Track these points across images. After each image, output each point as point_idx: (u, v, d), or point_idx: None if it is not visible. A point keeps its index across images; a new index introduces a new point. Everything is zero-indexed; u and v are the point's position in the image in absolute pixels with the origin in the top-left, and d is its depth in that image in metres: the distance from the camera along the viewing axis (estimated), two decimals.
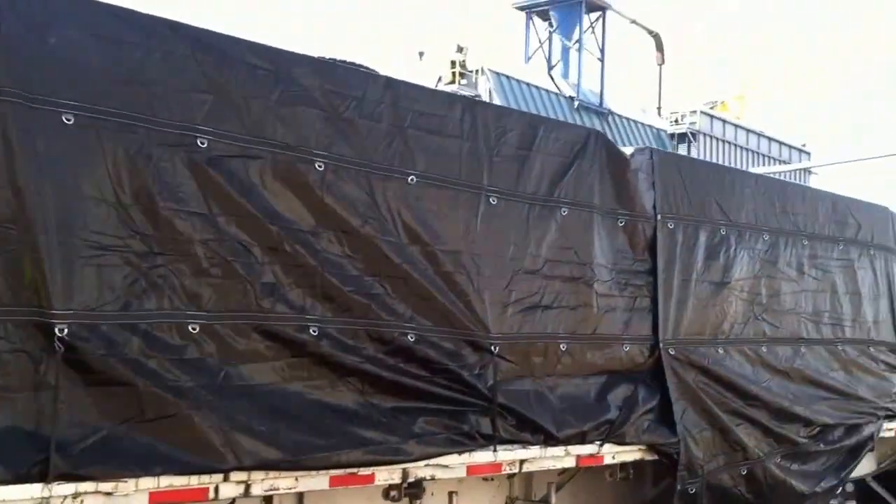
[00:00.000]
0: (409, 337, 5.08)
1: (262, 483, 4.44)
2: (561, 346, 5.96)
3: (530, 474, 6.37)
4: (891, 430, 9.01)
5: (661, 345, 6.58)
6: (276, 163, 4.61)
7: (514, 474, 6.01)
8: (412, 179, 5.22)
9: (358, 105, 5.01)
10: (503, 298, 5.66)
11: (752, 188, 7.68)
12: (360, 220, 4.93)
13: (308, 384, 4.65)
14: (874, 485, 10.54)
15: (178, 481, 4.19)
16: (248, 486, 4.39)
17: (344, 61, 5.18)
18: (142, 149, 4.17)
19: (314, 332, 4.66)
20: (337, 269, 4.80)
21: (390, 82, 5.26)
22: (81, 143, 4.01)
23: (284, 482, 4.52)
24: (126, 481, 4.03)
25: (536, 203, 5.91)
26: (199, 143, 4.34)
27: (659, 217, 6.70)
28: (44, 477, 3.81)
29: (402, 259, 5.11)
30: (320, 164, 4.77)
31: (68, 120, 3.96)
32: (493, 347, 5.52)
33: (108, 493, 4.00)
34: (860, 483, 10.67)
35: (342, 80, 5.02)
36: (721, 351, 7.10)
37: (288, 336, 4.58)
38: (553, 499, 6.42)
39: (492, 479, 6.27)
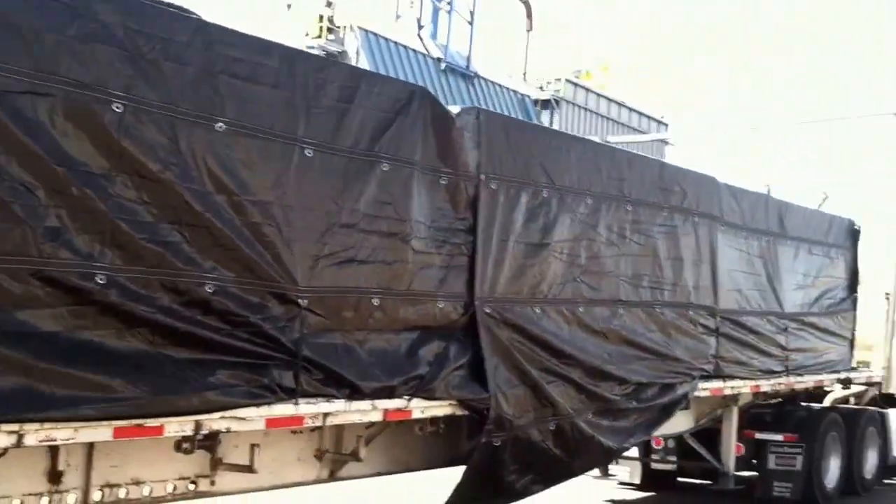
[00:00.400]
0: (207, 288, 4.99)
1: (35, 434, 4.29)
2: (373, 300, 5.97)
3: (341, 428, 6.41)
4: (706, 389, 9.38)
5: (476, 302, 6.66)
6: (69, 102, 4.44)
7: (322, 427, 6.02)
8: (220, 126, 5.09)
9: (164, 47, 4.85)
10: (315, 251, 5.62)
11: (579, 153, 7.81)
12: (159, 165, 4.78)
13: (92, 333, 4.50)
14: (692, 442, 11.03)
15: None
16: (20, 437, 4.24)
17: (157, 1, 4.99)
18: None
19: (101, 280, 4.53)
20: (130, 216, 4.66)
21: (202, 25, 5.10)
22: None
23: (62, 433, 4.38)
24: None
25: (355, 157, 5.87)
26: None
27: (482, 177, 6.76)
28: None
29: (205, 208, 4.99)
30: (118, 105, 4.61)
31: None
32: (300, 300, 5.48)
33: None
34: (680, 440, 11.15)
35: (149, 19, 4.84)
36: (538, 310, 7.23)
37: (71, 283, 4.43)
38: (362, 452, 6.46)
39: (301, 433, 6.28)
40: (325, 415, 5.67)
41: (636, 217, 8.34)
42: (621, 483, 12.10)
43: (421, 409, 6.32)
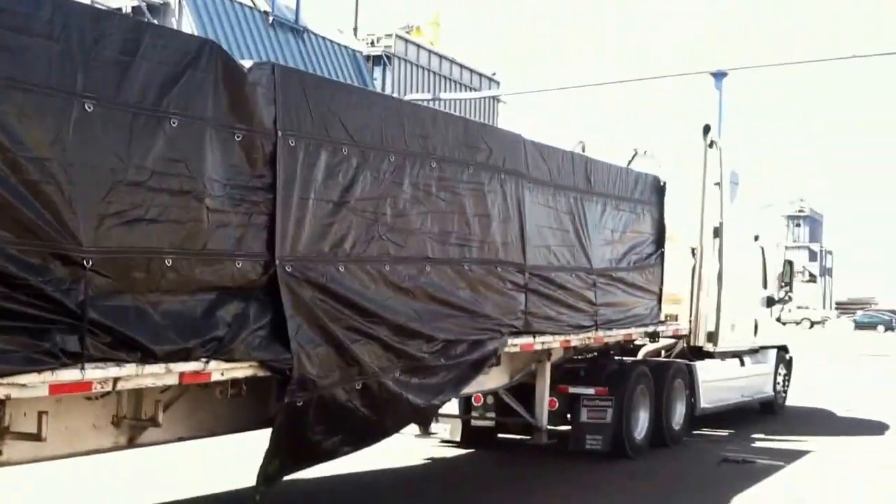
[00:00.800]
0: None
1: None
2: (166, 261, 5.80)
3: (140, 392, 6.25)
4: (516, 346, 9.55)
5: (276, 262, 6.56)
6: None
7: (116, 393, 5.85)
8: None
9: None
10: (100, 210, 5.41)
11: (381, 109, 7.78)
12: None
13: None
14: (507, 398, 11.25)
15: None
16: None
17: None
18: None
19: None
20: None
21: None
22: None
23: None
24: None
25: (142, 113, 5.67)
26: None
27: (280, 133, 6.64)
28: None
29: None
30: None
31: None
32: (85, 262, 5.28)
33: None
34: (498, 397, 11.37)
35: None
36: (342, 269, 7.18)
37: None
38: (160, 417, 6.32)
39: (96, 399, 6.08)
40: (116, 379, 5.50)
41: (442, 174, 8.37)
42: (443, 441, 12.25)
43: (220, 371, 6.20)
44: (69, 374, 5.18)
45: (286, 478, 7.20)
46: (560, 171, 10.50)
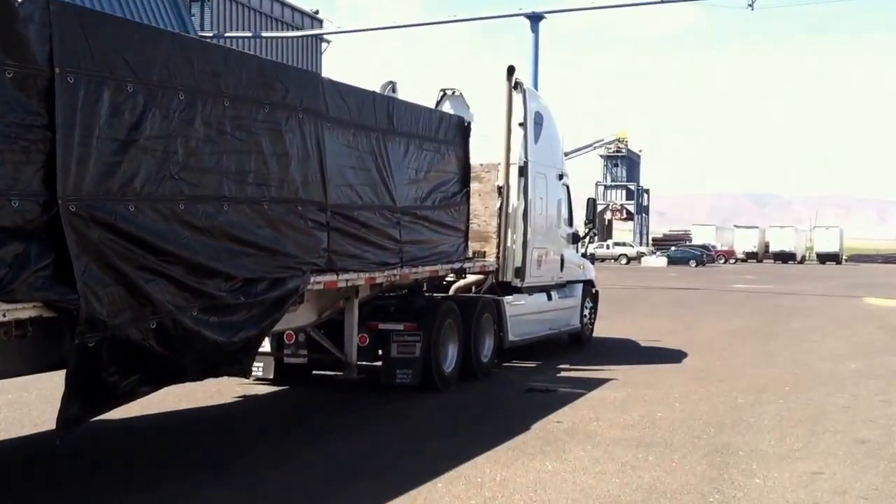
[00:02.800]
0: None
1: None
2: None
3: None
4: (320, 283, 9.65)
5: (59, 201, 6.43)
6: None
7: None
8: None
9: None
10: None
11: (167, 47, 7.66)
12: None
13: None
14: (317, 335, 11.39)
15: None
16: None
17: None
18: None
19: None
20: None
21: None
22: None
23: None
24: None
25: None
26: None
27: (57, 71, 6.47)
28: None
29: None
30: None
31: None
32: None
33: None
34: (309, 335, 11.49)
35: None
36: (132, 208, 7.09)
37: None
38: None
39: None
40: None
41: (236, 113, 8.32)
42: (257, 379, 12.32)
43: (2, 312, 6.07)
44: None
45: (89, 420, 7.16)
46: (361, 111, 10.59)
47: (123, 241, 6.97)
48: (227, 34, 43.39)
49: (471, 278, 14.42)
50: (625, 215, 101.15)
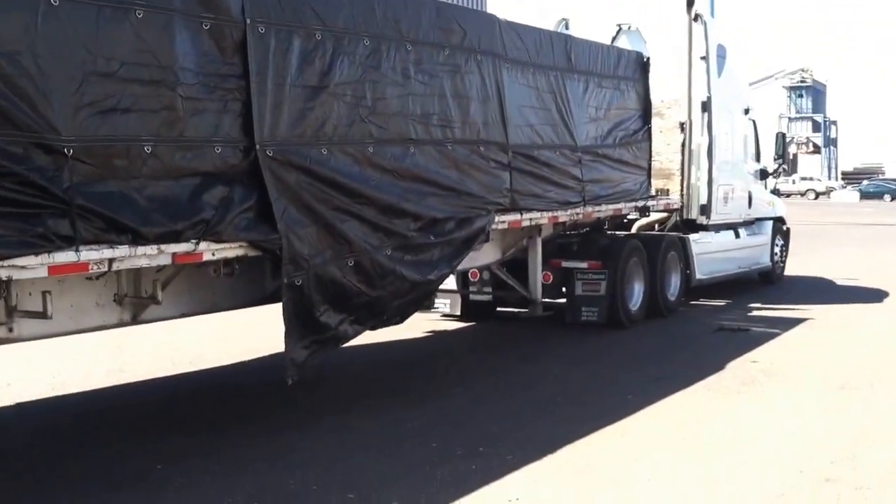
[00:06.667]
0: None
1: None
2: (145, 148, 6.02)
3: (138, 272, 6.62)
4: (504, 222, 9.81)
5: (257, 146, 6.77)
6: None
7: (115, 272, 6.16)
8: None
9: None
10: (74, 101, 5.61)
11: None
12: None
13: None
14: (502, 273, 11.60)
15: None
16: None
17: None
18: None
19: None
20: None
21: None
22: None
23: None
24: None
25: (106, 5, 5.81)
26: None
27: (248, 21, 6.79)
28: None
29: None
30: None
31: None
32: (66, 150, 5.51)
33: None
34: (494, 272, 11.74)
35: None
36: (325, 152, 7.38)
37: None
38: (160, 294, 6.68)
39: (98, 279, 6.39)
40: (111, 260, 5.80)
41: (418, 57, 8.51)
42: (443, 315, 12.73)
43: (211, 251, 6.47)
44: (65, 257, 5.48)
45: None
46: (539, 51, 10.60)
47: (318, 184, 7.27)
48: None
49: (654, 216, 14.26)
50: (811, 148, 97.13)
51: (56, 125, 5.46)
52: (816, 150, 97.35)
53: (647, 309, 12.85)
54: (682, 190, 14.42)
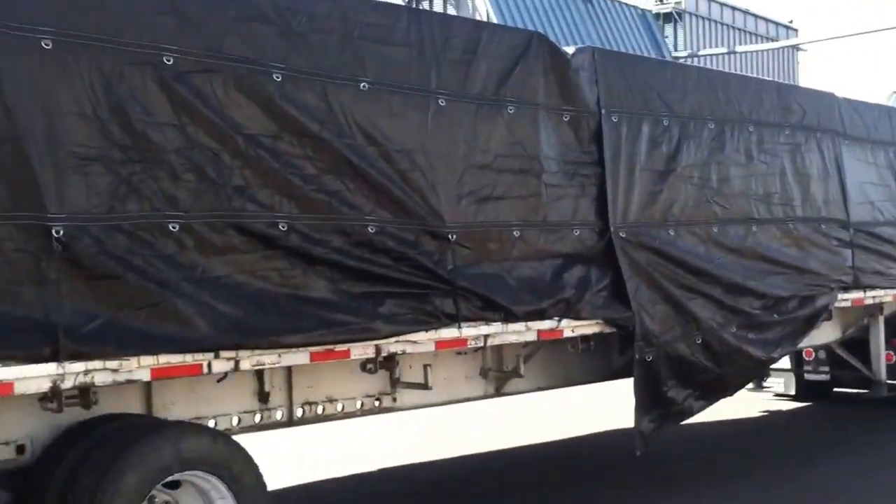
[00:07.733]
0: (369, 229, 5.67)
1: (249, 359, 5.09)
2: (514, 232, 6.54)
3: (500, 348, 7.09)
4: (847, 300, 9.62)
5: (611, 229, 7.15)
6: (237, 76, 5.15)
7: (483, 348, 6.67)
8: (364, 86, 5.75)
9: (309, 20, 5.53)
10: (456, 191, 6.21)
11: (694, 80, 8.19)
12: (317, 125, 5.47)
13: (282, 274, 5.26)
14: (841, 352, 11.30)
15: (175, 359, 4.82)
16: (237, 363, 5.04)
17: None
18: (114, 68, 4.71)
19: (283, 227, 5.27)
20: (298, 171, 5.37)
21: None
22: (60, 65, 4.55)
23: (268, 358, 5.17)
24: (129, 359, 4.65)
25: (483, 103, 6.44)
26: (164, 60, 4.88)
27: (603, 111, 7.23)
28: (56, 357, 4.41)
29: (360, 159, 5.66)
30: (277, 75, 5.31)
31: (47, 45, 4.50)
32: (450, 236, 6.10)
33: (114, 370, 4.62)
34: (831, 351, 11.45)
35: None
36: (672, 232, 7.66)
37: (259, 231, 5.18)
38: (522, 368, 7.13)
39: (465, 353, 6.95)
40: (486, 336, 6.30)
41: (759, 137, 8.65)
42: (776, 395, 12.50)
43: (571, 328, 6.87)
44: (449, 333, 6.04)
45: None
46: (877, 126, 10.44)
47: (667, 263, 7.53)
48: (700, 52, 43.09)
49: None
50: None
51: (441, 213, 6.08)
52: None
53: None
54: None
